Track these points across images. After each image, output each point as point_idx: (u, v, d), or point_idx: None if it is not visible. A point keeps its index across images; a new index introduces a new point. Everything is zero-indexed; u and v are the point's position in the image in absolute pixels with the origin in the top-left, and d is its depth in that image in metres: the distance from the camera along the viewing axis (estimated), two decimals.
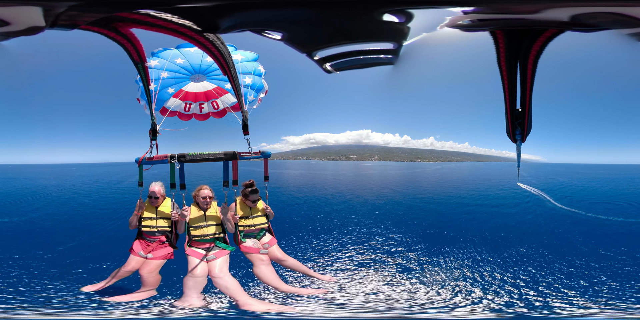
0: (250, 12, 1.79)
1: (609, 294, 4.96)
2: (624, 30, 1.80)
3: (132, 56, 2.32)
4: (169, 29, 1.83)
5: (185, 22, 1.82)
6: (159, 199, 4.46)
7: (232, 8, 1.72)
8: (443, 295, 4.80)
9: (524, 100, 2.28)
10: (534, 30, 1.88)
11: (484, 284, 5.36)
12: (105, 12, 1.72)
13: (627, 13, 1.68)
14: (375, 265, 6.16)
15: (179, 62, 5.05)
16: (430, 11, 1.83)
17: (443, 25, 1.88)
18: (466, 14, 1.77)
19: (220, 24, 1.84)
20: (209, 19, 1.80)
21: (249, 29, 1.89)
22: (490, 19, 1.83)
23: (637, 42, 1.87)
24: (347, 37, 2.03)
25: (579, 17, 1.71)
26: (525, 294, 4.93)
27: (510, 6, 1.72)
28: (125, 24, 1.86)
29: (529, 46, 1.96)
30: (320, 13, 1.83)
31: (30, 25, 1.72)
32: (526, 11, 1.72)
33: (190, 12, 1.76)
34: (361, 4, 1.77)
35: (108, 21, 1.81)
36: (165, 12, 1.75)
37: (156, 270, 4.27)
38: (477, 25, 1.86)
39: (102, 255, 6.44)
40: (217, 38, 2.15)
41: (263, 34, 1.94)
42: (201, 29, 1.91)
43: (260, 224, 4.63)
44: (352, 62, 2.27)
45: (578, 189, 22.60)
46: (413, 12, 1.82)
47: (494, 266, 6.22)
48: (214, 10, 1.74)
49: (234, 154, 4.31)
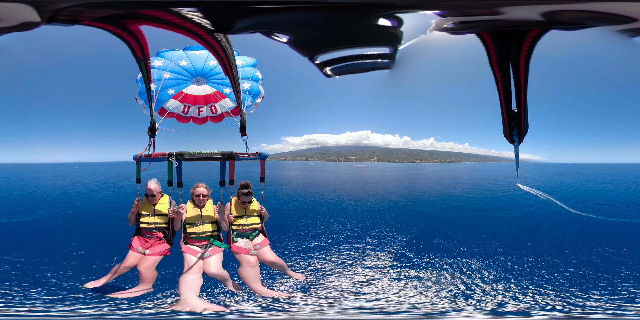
0: (264, 15, 1.84)
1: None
2: (612, 27, 1.83)
3: (136, 53, 2.32)
4: (181, 27, 1.86)
5: (202, 21, 1.85)
6: (155, 196, 4.50)
7: (249, 9, 1.77)
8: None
9: (519, 100, 2.30)
10: (518, 30, 1.90)
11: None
12: (119, 8, 1.73)
13: (607, 10, 1.72)
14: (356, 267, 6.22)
15: (183, 64, 5.07)
16: (418, 15, 1.88)
17: (431, 29, 1.92)
18: (444, 17, 1.82)
19: (235, 24, 1.89)
20: (226, 18, 1.84)
21: (260, 30, 1.93)
22: (470, 22, 1.87)
23: (629, 38, 1.90)
24: (351, 42, 2.08)
25: (551, 15, 1.74)
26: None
27: (467, 9, 1.78)
28: (135, 21, 1.88)
29: (518, 46, 1.99)
30: (327, 17, 1.88)
31: (23, 21, 1.70)
32: (484, 13, 1.77)
33: (209, 11, 1.79)
34: (368, 8, 1.81)
35: (117, 17, 1.82)
36: (173, 10, 1.77)
37: (153, 266, 4.36)
38: (460, 28, 1.90)
39: (113, 252, 6.54)
40: (226, 39, 2.18)
41: (272, 36, 1.99)
42: (214, 29, 1.94)
43: (254, 224, 4.64)
44: (350, 67, 2.32)
45: (589, 191, 21.02)
46: (403, 16, 1.87)
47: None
48: (232, 10, 1.78)
49: (232, 154, 4.35)
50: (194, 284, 4.05)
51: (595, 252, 7.40)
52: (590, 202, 15.60)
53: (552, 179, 31.47)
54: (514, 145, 2.74)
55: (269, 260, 4.59)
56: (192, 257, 4.26)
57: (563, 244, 8.06)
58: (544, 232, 9.28)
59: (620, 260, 6.75)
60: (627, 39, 1.89)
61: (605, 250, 7.43)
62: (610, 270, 6.06)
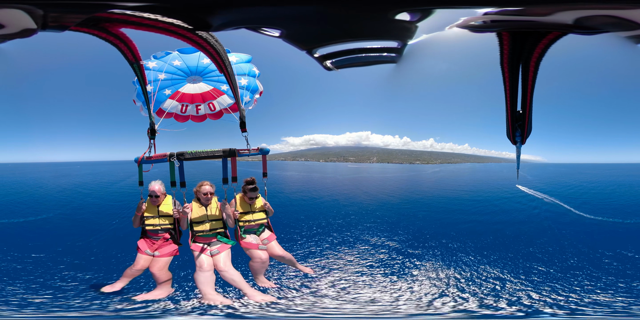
0: (245, 9, 1.75)
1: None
2: (622, 33, 1.82)
3: (127, 56, 2.32)
4: (159, 28, 1.79)
5: (174, 21, 1.78)
6: (159, 197, 4.53)
7: (223, 5, 1.69)
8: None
9: (524, 102, 2.29)
10: (537, 32, 1.89)
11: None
12: (84, 13, 1.69)
13: (624, 16, 1.71)
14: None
15: (176, 64, 5.08)
16: (447, 11, 1.83)
17: (454, 25, 1.87)
18: (485, 15, 1.78)
19: (211, 22, 1.81)
20: (197, 17, 1.77)
21: (244, 26, 1.85)
22: (503, 20, 1.83)
23: (634, 44, 1.89)
24: (350, 35, 2.01)
25: (582, 20, 1.73)
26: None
27: (525, 8, 1.74)
28: (113, 24, 1.83)
29: (531, 48, 1.97)
30: (323, 10, 1.80)
31: (23, 28, 1.72)
32: (537, 13, 1.74)
33: (177, 11, 1.73)
34: (364, 2, 1.75)
35: (95, 22, 1.78)
36: (149, 11, 1.71)
37: (165, 267, 4.43)
38: (488, 26, 1.86)
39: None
40: (211, 36, 2.13)
41: (260, 31, 1.90)
42: (192, 28, 1.87)
43: (260, 220, 4.71)
44: (353, 60, 2.24)
45: (595, 192, 20.11)
46: (429, 11, 1.81)
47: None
48: (203, 7, 1.70)
49: (233, 151, 4.33)
50: (210, 280, 4.17)
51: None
52: (602, 204, 14.88)
53: (555, 180, 31.03)
54: (516, 146, 2.73)
55: (278, 254, 4.68)
56: (202, 255, 4.33)
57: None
58: (560, 240, 8.37)
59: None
60: (631, 45, 1.89)
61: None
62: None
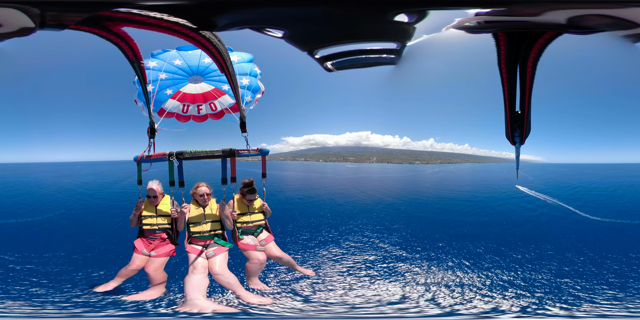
0: (250, 10, 1.77)
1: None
2: (618, 32, 1.84)
3: (128, 55, 2.31)
4: (163, 27, 1.80)
5: (179, 20, 1.79)
6: (157, 197, 4.52)
7: (229, 5, 1.70)
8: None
9: (523, 102, 2.29)
10: (533, 32, 1.90)
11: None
12: (84, 11, 1.69)
13: (620, 16, 1.73)
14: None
15: (177, 63, 5.07)
16: (441, 12, 1.85)
17: (449, 27, 1.89)
18: (477, 16, 1.80)
19: (216, 22, 1.82)
20: (203, 16, 1.78)
21: (248, 26, 1.87)
22: (496, 21, 1.85)
23: (631, 43, 1.90)
24: (350, 36, 2.02)
25: (576, 20, 1.74)
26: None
27: (515, 9, 1.76)
28: (115, 23, 1.84)
29: (528, 49, 1.98)
30: (326, 11, 1.82)
31: (20, 27, 1.72)
32: (529, 13, 1.75)
33: (182, 10, 1.74)
34: (368, 3, 1.77)
35: (97, 20, 1.78)
36: (154, 10, 1.72)
37: (161, 267, 4.36)
38: (483, 27, 1.88)
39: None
40: (215, 36, 2.14)
41: (264, 31, 1.92)
42: (196, 27, 1.89)
43: (258, 221, 4.70)
44: (353, 61, 2.26)
45: (600, 193, 19.30)
46: (424, 12, 1.83)
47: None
48: (208, 7, 1.72)
49: (232, 151, 4.33)
50: (201, 285, 3.98)
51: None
52: (605, 205, 14.29)
53: (556, 181, 30.56)
54: (515, 147, 2.74)
55: (276, 256, 4.63)
56: (197, 257, 4.24)
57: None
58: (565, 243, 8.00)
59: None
60: (629, 44, 1.89)
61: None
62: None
